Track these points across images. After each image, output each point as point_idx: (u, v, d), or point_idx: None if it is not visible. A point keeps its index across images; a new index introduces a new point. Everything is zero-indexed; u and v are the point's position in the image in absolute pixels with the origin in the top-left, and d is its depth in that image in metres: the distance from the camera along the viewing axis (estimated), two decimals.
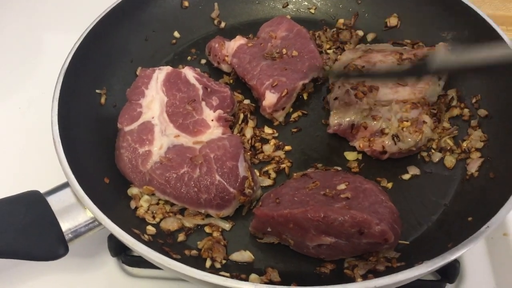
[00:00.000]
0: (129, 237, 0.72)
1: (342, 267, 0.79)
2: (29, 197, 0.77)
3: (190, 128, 0.93)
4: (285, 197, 0.79)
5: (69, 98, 0.91)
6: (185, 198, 0.84)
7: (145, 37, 1.13)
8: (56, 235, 0.74)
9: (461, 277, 0.86)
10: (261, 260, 0.81)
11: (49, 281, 0.88)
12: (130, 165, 0.87)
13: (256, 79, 0.99)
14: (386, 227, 0.72)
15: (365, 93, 0.94)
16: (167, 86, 0.96)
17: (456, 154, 0.93)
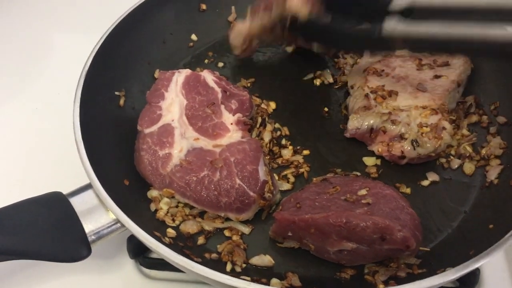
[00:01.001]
0: (152, 239, 0.72)
1: (362, 273, 0.79)
2: (52, 198, 0.77)
3: (210, 131, 0.93)
4: (306, 201, 0.79)
5: (89, 101, 0.91)
6: (205, 201, 0.84)
7: (162, 40, 1.13)
8: (79, 236, 0.75)
9: (480, 285, 0.86)
10: (280, 264, 0.81)
11: (67, 283, 0.88)
12: (150, 168, 0.88)
13: None
14: (408, 234, 0.72)
15: (385, 97, 0.94)
16: (186, 89, 0.97)
17: (475, 161, 0.93)
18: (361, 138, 0.96)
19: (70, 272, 0.88)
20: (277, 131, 0.99)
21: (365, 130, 0.94)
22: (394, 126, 0.91)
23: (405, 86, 0.98)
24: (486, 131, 0.97)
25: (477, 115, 0.99)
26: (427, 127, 0.90)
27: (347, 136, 0.97)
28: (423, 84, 0.97)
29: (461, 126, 0.97)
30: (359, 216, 0.73)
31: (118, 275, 0.89)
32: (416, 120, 0.92)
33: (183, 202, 0.87)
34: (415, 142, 0.89)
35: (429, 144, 0.89)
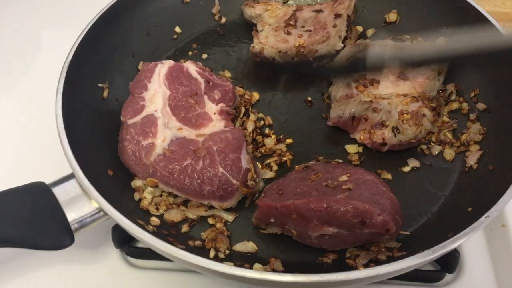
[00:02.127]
0: (134, 226, 0.72)
1: (344, 257, 0.80)
2: (34, 188, 0.78)
3: (193, 121, 0.93)
4: (288, 188, 0.80)
5: (72, 92, 0.91)
6: (189, 190, 0.85)
7: (146, 32, 1.13)
8: (62, 225, 0.75)
9: (460, 267, 0.87)
10: (264, 250, 0.82)
11: (53, 273, 0.88)
12: (133, 158, 0.88)
13: None
14: (388, 218, 0.74)
15: (366, 86, 0.95)
16: (169, 80, 0.97)
17: (455, 147, 0.94)
18: (343, 126, 0.97)
19: (56, 262, 0.89)
20: (260, 120, 1.00)
21: (347, 118, 0.95)
22: (376, 113, 0.93)
23: (387, 74, 0.99)
24: (466, 117, 0.99)
25: (457, 102, 1.00)
26: (407, 114, 0.92)
27: (330, 124, 0.98)
28: (404, 73, 0.99)
29: (442, 113, 0.99)
30: (339, 201, 0.74)
31: (104, 265, 0.89)
32: (397, 108, 0.93)
33: (167, 191, 0.87)
34: (396, 129, 0.91)
35: (409, 131, 0.90)
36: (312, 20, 1.12)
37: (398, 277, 0.85)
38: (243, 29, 1.19)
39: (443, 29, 1.08)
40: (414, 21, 1.14)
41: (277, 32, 1.10)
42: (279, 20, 1.13)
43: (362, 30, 1.16)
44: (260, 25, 1.14)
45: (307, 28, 1.11)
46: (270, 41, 1.08)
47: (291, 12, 1.14)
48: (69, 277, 0.88)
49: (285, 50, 1.06)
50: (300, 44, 1.06)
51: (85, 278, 0.88)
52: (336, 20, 1.11)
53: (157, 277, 0.88)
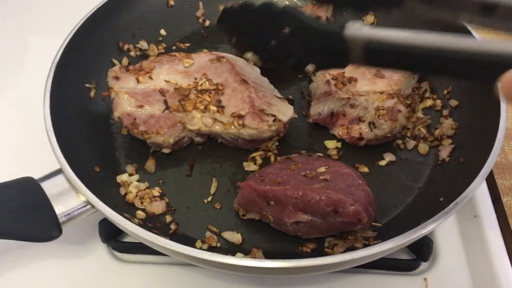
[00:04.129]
0: (120, 217, 0.75)
1: (322, 246, 0.84)
2: (23, 183, 0.80)
3: None
4: (269, 176, 0.84)
5: (59, 91, 0.94)
6: None
7: (132, 34, 1.16)
8: (50, 217, 0.78)
9: (434, 256, 0.91)
10: (246, 241, 0.86)
11: (40, 267, 0.90)
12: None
13: None
14: (360, 208, 0.77)
15: (345, 83, 0.99)
16: None
17: (429, 142, 0.99)
18: (323, 122, 1.01)
19: (43, 257, 0.91)
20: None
21: (326, 115, 0.99)
22: (353, 109, 0.97)
23: (364, 73, 1.03)
24: (439, 114, 1.03)
25: (431, 99, 1.05)
26: (383, 110, 0.96)
27: (310, 121, 1.02)
28: (381, 71, 1.03)
29: (417, 110, 1.03)
30: (315, 190, 0.77)
31: (91, 259, 0.91)
32: (373, 104, 0.97)
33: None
34: (372, 124, 0.95)
35: (385, 126, 0.94)
36: None
37: (375, 266, 0.89)
38: None
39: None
40: (389, 23, 1.17)
41: None
42: None
43: None
44: None
45: None
46: None
47: None
48: (57, 271, 0.90)
49: None
50: None
51: (72, 273, 0.90)
52: None
53: (144, 270, 0.90)
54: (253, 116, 0.93)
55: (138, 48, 1.16)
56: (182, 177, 0.95)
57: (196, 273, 0.89)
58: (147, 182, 0.93)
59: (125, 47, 1.14)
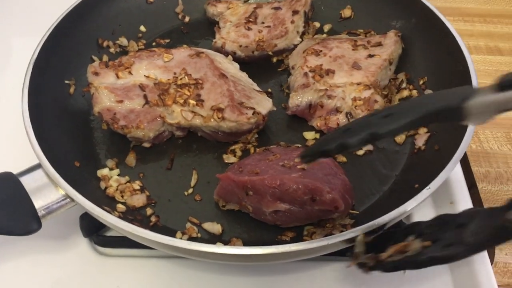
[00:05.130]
0: (99, 210, 0.76)
1: (301, 235, 0.85)
2: (2, 177, 0.81)
3: None
4: (247, 167, 0.85)
5: (38, 88, 0.95)
6: None
7: (111, 30, 1.17)
8: (29, 211, 0.78)
9: None
10: (226, 232, 0.87)
11: (21, 263, 0.90)
12: None
13: None
14: (337, 196, 0.79)
15: (322, 75, 1.01)
16: None
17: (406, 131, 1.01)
18: (301, 114, 1.02)
19: (24, 253, 0.91)
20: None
21: (305, 106, 1.00)
22: (330, 100, 0.98)
23: (342, 65, 1.05)
24: None
25: (408, 90, 1.07)
26: (360, 101, 0.97)
27: (289, 113, 1.03)
28: (358, 63, 1.05)
29: (393, 100, 1.05)
30: (292, 179, 0.79)
31: (73, 254, 0.91)
32: (350, 95, 0.99)
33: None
34: (349, 114, 0.96)
35: (362, 116, 0.96)
36: (271, 17, 1.18)
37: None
38: (206, 27, 1.24)
39: (394, 22, 1.15)
40: (367, 16, 1.20)
41: (238, 28, 1.15)
42: (240, 17, 1.18)
43: (319, 25, 1.22)
44: (222, 22, 1.19)
45: (266, 24, 1.16)
46: (232, 36, 1.13)
47: (251, 9, 1.20)
48: (38, 267, 0.90)
49: (246, 44, 1.11)
50: (260, 39, 1.12)
51: (54, 268, 0.90)
52: (294, 17, 1.17)
53: (126, 264, 0.91)
54: (232, 109, 0.94)
55: (118, 44, 1.17)
56: (162, 170, 0.96)
57: (178, 265, 0.90)
58: (127, 176, 0.94)
59: (104, 44, 1.14)
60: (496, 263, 0.91)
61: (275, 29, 1.14)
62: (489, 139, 1.09)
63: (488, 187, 1.00)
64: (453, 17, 1.36)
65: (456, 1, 1.42)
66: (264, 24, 1.16)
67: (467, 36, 1.31)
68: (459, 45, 1.00)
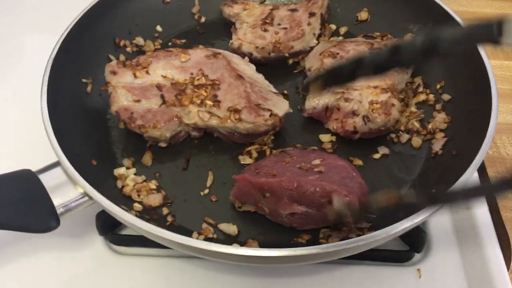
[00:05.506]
0: (118, 208, 0.76)
1: (317, 237, 0.85)
2: (21, 175, 0.81)
3: None
4: (264, 168, 0.85)
5: (56, 85, 0.95)
6: None
7: (128, 30, 1.17)
8: (48, 209, 0.78)
9: (428, 247, 0.93)
10: (242, 233, 0.87)
11: (38, 260, 0.91)
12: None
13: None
14: (354, 199, 0.78)
15: None
16: None
17: (422, 135, 1.00)
18: (317, 117, 1.02)
19: (40, 251, 0.92)
20: None
21: (321, 109, 1.00)
22: (347, 103, 0.98)
23: None
24: (432, 108, 1.04)
25: (424, 94, 1.06)
26: (377, 104, 0.97)
27: (305, 116, 1.03)
28: None
29: (410, 104, 1.05)
30: (309, 182, 0.79)
31: (88, 252, 0.92)
32: (367, 98, 0.98)
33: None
34: (366, 117, 0.96)
35: (379, 119, 0.95)
36: (287, 19, 1.18)
37: (369, 257, 0.90)
38: (222, 28, 1.24)
39: (411, 26, 1.14)
40: (384, 19, 1.20)
41: (254, 29, 1.15)
42: (257, 18, 1.18)
43: (335, 28, 1.22)
44: (238, 23, 1.19)
45: (283, 26, 1.16)
46: (248, 37, 1.13)
47: (268, 11, 1.20)
48: (54, 264, 0.91)
49: (262, 46, 1.11)
50: (276, 41, 1.12)
51: (70, 265, 0.91)
52: (310, 19, 1.16)
53: (141, 263, 0.91)
54: (250, 111, 0.95)
55: (134, 44, 1.17)
56: (178, 170, 0.96)
57: (193, 265, 0.90)
58: (144, 175, 0.94)
59: (121, 43, 1.15)
60: None
61: (291, 31, 1.14)
62: (506, 144, 1.08)
63: None
64: (469, 21, 1.35)
65: (472, 5, 1.42)
66: (280, 26, 1.16)
67: None
68: (477, 50, 0.99)
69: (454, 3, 1.41)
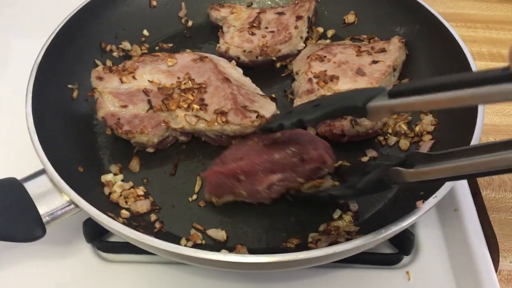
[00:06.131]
0: (104, 216, 0.75)
1: (306, 242, 0.85)
2: (6, 183, 0.80)
3: None
4: (229, 157, 0.87)
5: (41, 92, 0.94)
6: None
7: (115, 35, 1.17)
8: (34, 218, 0.78)
9: (416, 250, 0.93)
10: (231, 238, 0.86)
11: (25, 269, 0.90)
12: None
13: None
14: (322, 151, 0.84)
15: (326, 81, 1.01)
16: None
17: (410, 138, 1.00)
18: None
19: (27, 259, 0.91)
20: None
21: None
22: None
23: (346, 71, 1.05)
24: (419, 110, 1.05)
25: None
26: None
27: None
28: (362, 69, 1.04)
29: None
30: (277, 149, 0.83)
31: (76, 259, 0.91)
32: None
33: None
34: (353, 120, 0.96)
35: (366, 122, 0.96)
36: (275, 22, 1.18)
37: (358, 261, 0.90)
38: (209, 31, 1.24)
39: (397, 28, 1.15)
40: (371, 22, 1.20)
41: (242, 33, 1.15)
42: (244, 22, 1.18)
43: (322, 31, 1.22)
44: (225, 27, 1.18)
45: (270, 29, 1.16)
46: (235, 41, 1.12)
47: (255, 14, 1.20)
48: (42, 272, 0.90)
49: (250, 49, 1.11)
50: (263, 44, 1.12)
51: (58, 273, 0.90)
52: (297, 22, 1.16)
53: (129, 270, 0.91)
54: (236, 113, 0.94)
55: (121, 48, 1.16)
56: (166, 176, 0.95)
57: (181, 271, 0.90)
58: (131, 181, 0.93)
59: (107, 48, 1.14)
60: (501, 271, 0.91)
61: (279, 34, 1.14)
62: None
63: (492, 194, 1.00)
64: (456, 23, 1.36)
65: (459, 7, 1.43)
66: (267, 29, 1.16)
67: (470, 42, 1.31)
68: (463, 52, 1.00)
69: (440, 5, 1.42)
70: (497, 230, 0.94)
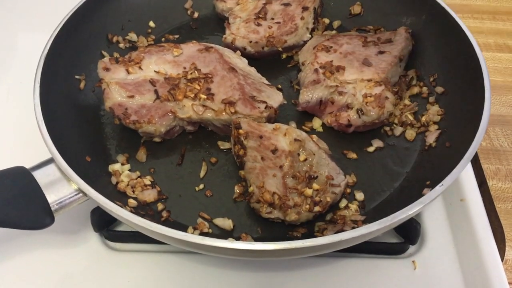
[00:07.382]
0: (112, 204, 0.76)
1: (312, 231, 0.85)
2: (14, 172, 0.81)
3: None
4: None
5: (49, 82, 0.94)
6: None
7: (121, 26, 1.17)
8: (43, 206, 0.78)
9: (422, 239, 0.93)
10: (237, 227, 0.87)
11: (33, 257, 0.91)
12: None
13: None
14: None
15: (333, 72, 1.01)
16: None
17: (416, 128, 1.00)
18: (312, 110, 1.02)
19: (35, 248, 0.91)
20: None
21: (315, 103, 1.00)
22: (341, 96, 0.98)
23: (352, 61, 1.04)
24: (426, 100, 1.05)
25: (418, 87, 1.06)
26: (371, 97, 0.97)
27: (299, 109, 1.03)
28: (368, 60, 1.04)
29: (404, 97, 1.05)
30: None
31: (84, 248, 0.92)
32: (361, 91, 0.98)
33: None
34: (360, 111, 0.96)
35: (373, 112, 0.96)
36: (281, 13, 1.17)
37: (364, 250, 0.90)
38: (215, 23, 1.24)
39: (404, 19, 1.15)
40: (377, 13, 1.20)
41: (248, 24, 1.15)
42: (250, 13, 1.18)
43: (328, 22, 1.22)
44: (231, 18, 1.18)
45: (276, 20, 1.16)
46: (242, 32, 1.12)
47: (261, 5, 1.19)
48: (50, 261, 0.91)
49: (256, 40, 1.11)
50: (270, 35, 1.12)
51: (66, 262, 0.91)
52: (303, 13, 1.16)
53: (136, 259, 0.91)
54: (245, 103, 0.94)
55: (127, 40, 1.17)
56: (173, 165, 0.96)
57: (189, 260, 0.90)
58: (138, 171, 0.94)
59: (114, 39, 1.14)
60: (507, 261, 0.91)
61: (285, 25, 1.14)
62: (499, 136, 1.09)
63: (499, 184, 1.00)
64: (462, 14, 1.36)
65: None
66: (273, 20, 1.16)
67: (476, 33, 1.31)
68: (470, 42, 0.99)
69: None
70: (503, 220, 0.94)
